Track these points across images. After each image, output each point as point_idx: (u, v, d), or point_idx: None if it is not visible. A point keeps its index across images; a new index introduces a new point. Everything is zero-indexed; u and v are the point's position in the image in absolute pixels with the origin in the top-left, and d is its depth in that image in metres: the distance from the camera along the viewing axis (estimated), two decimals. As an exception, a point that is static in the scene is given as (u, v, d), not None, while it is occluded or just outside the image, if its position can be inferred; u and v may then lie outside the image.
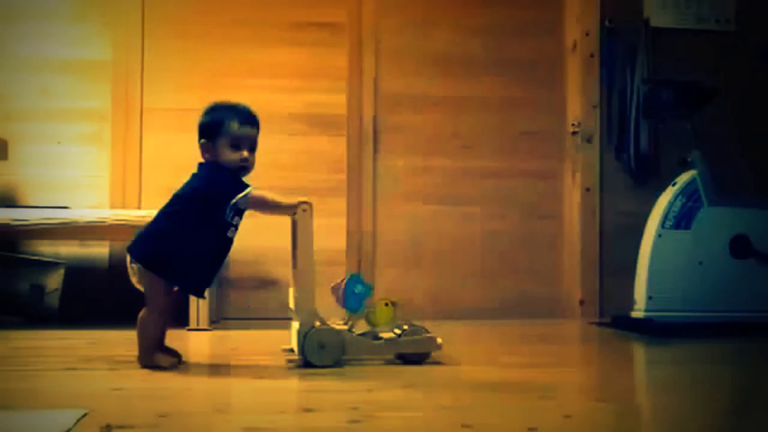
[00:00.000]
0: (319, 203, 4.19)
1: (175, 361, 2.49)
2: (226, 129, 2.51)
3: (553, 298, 4.36)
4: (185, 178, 4.08)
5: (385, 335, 2.59)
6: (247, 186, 2.49)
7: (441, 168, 4.33)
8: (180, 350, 2.93)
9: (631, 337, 3.46)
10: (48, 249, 4.01)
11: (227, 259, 2.57)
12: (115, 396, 2.02)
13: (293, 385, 2.25)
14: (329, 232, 4.21)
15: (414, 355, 2.57)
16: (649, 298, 3.59)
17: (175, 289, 2.51)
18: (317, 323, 2.50)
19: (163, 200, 4.03)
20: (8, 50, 4.09)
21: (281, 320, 4.05)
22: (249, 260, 4.12)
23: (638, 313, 3.63)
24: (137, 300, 3.98)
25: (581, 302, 4.30)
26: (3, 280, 3.82)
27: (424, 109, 4.34)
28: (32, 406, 1.85)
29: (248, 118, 2.56)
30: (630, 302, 3.70)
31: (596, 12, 4.39)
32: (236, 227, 2.52)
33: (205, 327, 3.54)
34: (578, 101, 4.39)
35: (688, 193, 3.65)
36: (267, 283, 4.15)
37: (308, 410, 1.82)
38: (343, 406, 1.87)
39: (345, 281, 2.59)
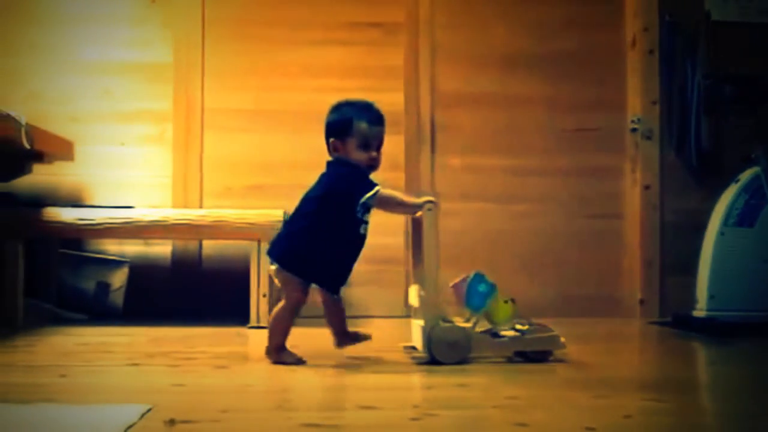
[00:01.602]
0: (376, 202, 4.25)
1: (300, 358, 2.54)
2: (356, 128, 2.57)
3: (613, 297, 4.31)
4: (245, 177, 4.20)
5: (508, 333, 2.59)
6: (375, 184, 2.54)
7: (498, 166, 4.31)
8: (241, 348, 2.99)
9: (692, 337, 3.41)
10: (113, 247, 4.10)
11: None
12: (177, 391, 2.06)
13: (353, 382, 2.27)
14: (388, 231, 4.22)
15: (537, 353, 2.57)
16: (711, 297, 3.53)
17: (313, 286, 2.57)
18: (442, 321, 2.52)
19: (224, 199, 4.14)
20: (72, 53, 4.19)
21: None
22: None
23: (700, 312, 3.57)
24: (199, 298, 4.06)
25: (641, 301, 4.24)
26: (70, 278, 3.91)
27: (481, 107, 4.32)
28: (98, 400, 1.90)
29: (376, 118, 2.61)
30: (691, 301, 3.65)
31: (655, 6, 4.32)
32: (367, 223, 2.57)
33: (266, 325, 3.57)
34: (638, 97, 4.33)
35: (752, 190, 3.58)
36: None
37: (367, 407, 1.84)
38: (403, 403, 1.89)
39: (468, 280, 2.59)
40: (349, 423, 1.70)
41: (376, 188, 2.52)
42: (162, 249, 4.14)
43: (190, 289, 4.12)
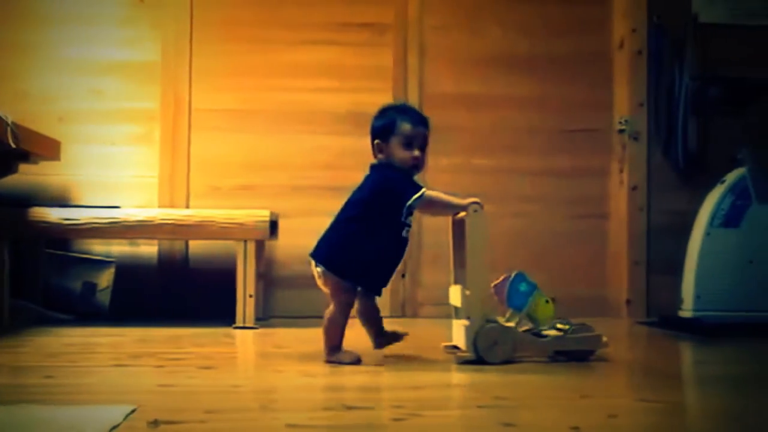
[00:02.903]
0: (364, 202, 4.25)
1: (358, 357, 2.54)
2: (399, 129, 2.59)
3: (600, 297, 4.33)
4: (233, 177, 4.19)
5: (550, 332, 2.61)
6: (420, 186, 2.55)
7: (486, 167, 4.31)
8: (227, 348, 2.98)
9: (678, 337, 3.42)
10: (100, 248, 4.08)
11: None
12: (162, 392, 2.06)
13: (339, 382, 2.27)
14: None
15: (579, 352, 2.59)
16: (697, 297, 3.54)
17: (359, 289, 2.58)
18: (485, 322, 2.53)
19: (212, 200, 4.13)
20: (60, 53, 4.17)
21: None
22: (294, 258, 4.15)
23: (686, 312, 3.59)
24: (185, 298, 4.05)
25: (628, 301, 4.26)
26: (56, 278, 3.90)
27: (469, 109, 4.33)
28: (82, 401, 1.90)
29: (419, 118, 2.63)
30: (678, 301, 3.66)
31: (644, 8, 4.33)
32: (410, 226, 2.59)
33: (252, 325, 3.57)
34: (625, 98, 4.34)
35: (738, 191, 3.59)
36: (312, 282, 4.17)
37: (352, 408, 1.84)
38: (387, 403, 1.89)
39: (510, 279, 2.61)
40: (333, 423, 1.69)
41: (422, 190, 2.54)
42: (148, 249, 4.13)
43: (176, 289, 4.11)
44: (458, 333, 2.61)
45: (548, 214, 4.34)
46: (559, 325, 2.63)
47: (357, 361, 2.52)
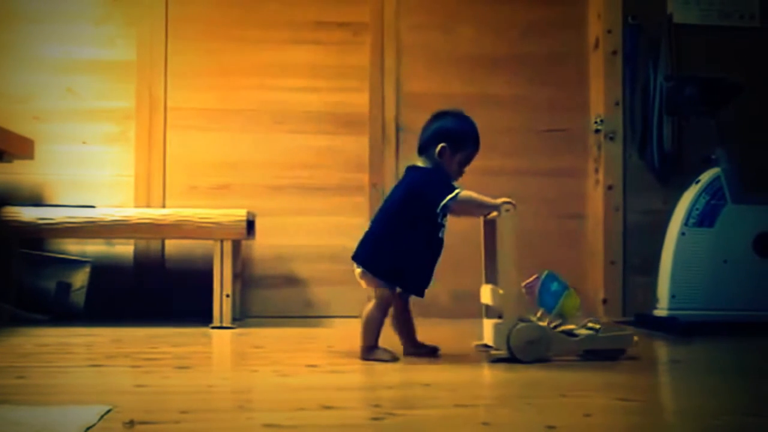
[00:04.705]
0: (340, 202, 4.26)
1: (394, 355, 2.57)
2: (469, 149, 2.66)
3: (576, 296, 4.34)
4: (208, 176, 4.17)
5: (582, 331, 2.65)
6: (455, 187, 2.58)
7: (463, 166, 4.32)
8: (204, 348, 2.97)
9: (654, 336, 3.44)
10: (74, 247, 4.05)
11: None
12: (138, 392, 2.05)
13: (316, 382, 2.26)
14: (351, 231, 4.21)
15: (611, 351, 2.62)
16: (672, 296, 3.57)
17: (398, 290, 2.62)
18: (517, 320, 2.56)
19: (189, 199, 4.11)
20: (34, 51, 4.13)
21: (303, 318, 4.09)
22: (271, 258, 4.14)
23: (661, 311, 3.61)
24: (162, 298, 4.03)
25: (604, 301, 4.28)
26: (30, 278, 3.86)
27: (445, 108, 4.32)
28: (57, 401, 1.88)
29: (478, 143, 2.69)
30: (653, 301, 3.69)
31: (619, 8, 4.36)
32: (445, 227, 2.62)
33: (229, 325, 3.56)
34: (601, 98, 4.37)
35: (712, 191, 3.62)
36: (289, 281, 4.18)
37: (328, 407, 1.84)
38: (365, 403, 1.89)
39: (541, 279, 2.65)
40: (309, 423, 1.69)
41: (457, 190, 2.57)
42: (124, 249, 4.10)
43: (152, 289, 4.09)
44: (489, 332, 2.64)
45: (524, 214, 4.31)
46: (590, 324, 2.67)
47: (394, 359, 2.55)
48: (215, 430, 1.64)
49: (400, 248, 2.57)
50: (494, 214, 2.61)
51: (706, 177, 3.65)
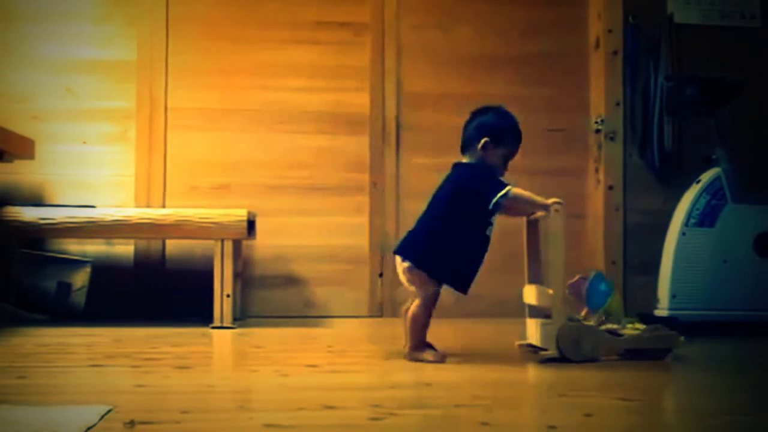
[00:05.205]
0: (341, 202, 4.26)
1: (443, 355, 2.56)
2: (510, 144, 2.66)
3: (577, 296, 4.34)
4: (209, 176, 4.17)
5: (627, 331, 2.65)
6: (506, 184, 2.57)
7: (463, 166, 4.31)
8: (204, 348, 2.97)
9: (654, 336, 3.44)
10: (75, 247, 4.05)
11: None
12: (138, 392, 2.04)
13: (317, 381, 2.26)
14: (352, 231, 4.23)
15: (657, 350, 2.63)
16: (673, 296, 3.57)
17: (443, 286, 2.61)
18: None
19: (189, 199, 4.11)
20: (34, 51, 4.13)
21: (304, 318, 4.09)
22: (272, 258, 4.15)
23: (662, 311, 3.61)
24: (162, 298, 4.03)
25: (605, 300, 4.27)
26: (31, 278, 3.86)
27: (446, 108, 4.33)
28: (57, 401, 1.88)
29: (520, 137, 2.70)
30: (653, 301, 3.68)
31: (619, 8, 4.36)
32: (492, 225, 2.62)
33: (229, 325, 3.56)
34: (601, 98, 4.37)
35: (713, 191, 3.62)
36: (290, 281, 4.17)
37: (329, 407, 1.83)
38: (365, 403, 1.88)
39: (589, 279, 2.67)
40: (310, 423, 1.69)
41: (509, 187, 2.56)
42: (125, 249, 4.10)
43: (153, 289, 4.09)
44: (534, 331, 2.65)
45: (525, 214, 4.34)
46: (637, 325, 2.67)
47: (442, 359, 2.54)
48: (216, 430, 1.64)
49: (446, 245, 2.56)
50: (540, 213, 2.61)
51: (706, 177, 3.65)
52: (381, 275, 4.22)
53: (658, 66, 4.27)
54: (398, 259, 2.61)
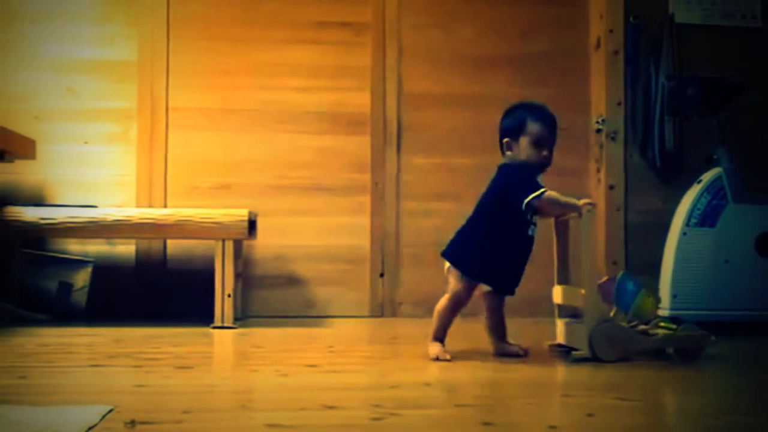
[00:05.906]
0: (342, 202, 4.26)
1: (449, 358, 2.57)
2: (528, 128, 2.66)
3: (578, 296, 4.34)
4: (210, 176, 4.17)
5: (659, 331, 2.66)
6: (540, 186, 2.60)
7: (464, 166, 4.31)
8: (205, 348, 2.97)
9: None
10: (76, 247, 4.05)
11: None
12: (139, 392, 2.04)
13: (317, 382, 2.26)
14: (353, 231, 4.23)
15: (690, 349, 2.64)
16: (674, 296, 3.57)
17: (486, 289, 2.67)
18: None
19: (190, 199, 4.11)
20: (35, 51, 4.13)
21: (304, 318, 4.09)
22: (273, 258, 4.15)
23: (663, 311, 3.60)
24: (163, 298, 4.03)
25: (606, 300, 4.27)
26: (32, 278, 3.86)
27: (447, 108, 4.33)
28: (58, 401, 1.88)
29: (548, 118, 2.69)
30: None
31: (620, 8, 4.35)
32: (535, 225, 2.66)
33: (230, 325, 3.56)
34: (602, 98, 4.36)
35: (714, 191, 3.62)
36: (291, 281, 4.17)
37: (329, 407, 1.83)
38: (366, 403, 1.88)
39: (617, 279, 2.69)
40: (310, 423, 1.69)
41: (542, 189, 2.59)
42: (126, 248, 4.10)
43: (154, 289, 4.09)
44: (563, 332, 2.67)
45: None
46: (671, 325, 2.69)
47: (446, 361, 2.55)
48: (217, 430, 1.64)
49: (487, 246, 2.61)
50: (572, 214, 2.64)
51: (707, 177, 3.64)
52: (382, 275, 4.22)
53: (659, 66, 4.26)
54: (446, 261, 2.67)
